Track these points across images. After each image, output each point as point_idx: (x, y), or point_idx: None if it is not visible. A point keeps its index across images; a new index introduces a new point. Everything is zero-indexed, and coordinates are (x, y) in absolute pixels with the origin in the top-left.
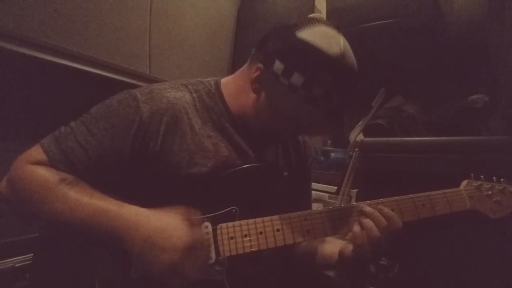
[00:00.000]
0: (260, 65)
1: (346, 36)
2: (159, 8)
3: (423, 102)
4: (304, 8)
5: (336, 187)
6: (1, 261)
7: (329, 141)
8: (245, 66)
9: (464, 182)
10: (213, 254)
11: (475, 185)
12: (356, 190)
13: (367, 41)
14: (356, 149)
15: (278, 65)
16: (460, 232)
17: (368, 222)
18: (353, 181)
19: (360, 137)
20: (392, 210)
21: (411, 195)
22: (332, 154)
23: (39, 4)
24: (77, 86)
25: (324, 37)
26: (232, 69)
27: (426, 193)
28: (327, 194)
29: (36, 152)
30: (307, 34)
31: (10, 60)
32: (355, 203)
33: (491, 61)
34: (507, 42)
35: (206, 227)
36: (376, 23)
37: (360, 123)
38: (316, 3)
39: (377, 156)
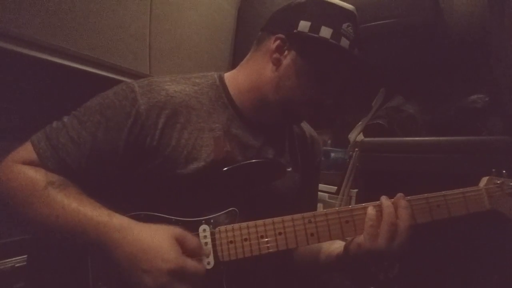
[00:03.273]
0: (280, 35)
1: None
2: (159, 8)
3: (423, 102)
4: None
5: (336, 187)
6: (1, 261)
7: (329, 141)
8: (250, 53)
9: (484, 179)
10: (211, 259)
11: (497, 182)
12: (356, 190)
13: (367, 41)
14: (356, 149)
15: (303, 24)
16: (460, 232)
17: (389, 206)
18: (353, 181)
19: (360, 137)
20: None
21: (425, 194)
22: (332, 154)
23: (38, 4)
24: (77, 86)
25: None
26: (232, 69)
27: (443, 192)
28: (327, 194)
29: (26, 150)
30: None
31: (10, 60)
32: (363, 204)
33: (491, 61)
34: (507, 42)
35: (204, 230)
36: (376, 23)
37: (360, 123)
38: None
39: (377, 156)
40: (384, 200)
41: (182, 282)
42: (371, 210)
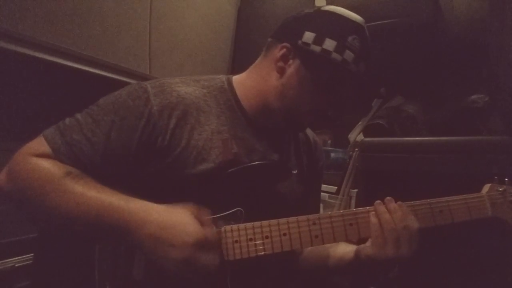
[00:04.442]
0: (285, 44)
1: None
2: (159, 8)
3: (423, 102)
4: (304, 8)
5: (336, 187)
6: (1, 261)
7: (329, 141)
8: (259, 59)
9: (487, 186)
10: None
11: (500, 190)
12: (356, 190)
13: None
14: (356, 149)
15: (308, 35)
16: (460, 232)
17: (384, 213)
18: (353, 181)
19: (360, 137)
20: None
21: (428, 200)
22: (332, 154)
23: (39, 4)
24: (77, 86)
25: (343, 10)
26: (232, 69)
27: (445, 198)
28: (327, 194)
29: (40, 144)
30: (330, 8)
31: (10, 60)
32: (367, 208)
33: (491, 61)
34: (507, 42)
35: None
36: (376, 23)
37: (360, 123)
38: (316, 3)
39: (377, 156)
40: (378, 206)
41: (206, 251)
42: (374, 219)
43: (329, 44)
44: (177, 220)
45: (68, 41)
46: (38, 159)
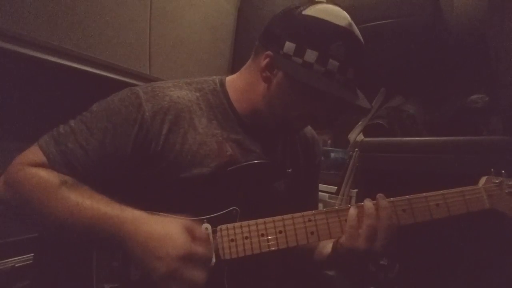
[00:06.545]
0: (269, 52)
1: None
2: (159, 8)
3: (423, 102)
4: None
5: (336, 187)
6: (1, 261)
7: (329, 141)
8: (249, 61)
9: (483, 179)
10: (213, 257)
11: (496, 181)
12: (356, 190)
13: (367, 41)
14: (356, 149)
15: (289, 46)
16: (461, 231)
17: (370, 208)
18: (353, 181)
19: (360, 137)
20: (404, 210)
21: (424, 193)
22: (332, 154)
23: (39, 4)
24: (77, 86)
25: (329, 11)
26: (232, 69)
27: (441, 191)
28: (327, 194)
29: (35, 153)
30: (312, 11)
31: (10, 60)
32: (361, 203)
33: (491, 61)
34: (507, 42)
35: (206, 228)
36: (376, 23)
37: (360, 123)
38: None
39: (377, 156)
40: (367, 202)
41: (192, 267)
42: (352, 210)
43: (311, 55)
44: (166, 231)
45: (68, 41)
46: (34, 169)
